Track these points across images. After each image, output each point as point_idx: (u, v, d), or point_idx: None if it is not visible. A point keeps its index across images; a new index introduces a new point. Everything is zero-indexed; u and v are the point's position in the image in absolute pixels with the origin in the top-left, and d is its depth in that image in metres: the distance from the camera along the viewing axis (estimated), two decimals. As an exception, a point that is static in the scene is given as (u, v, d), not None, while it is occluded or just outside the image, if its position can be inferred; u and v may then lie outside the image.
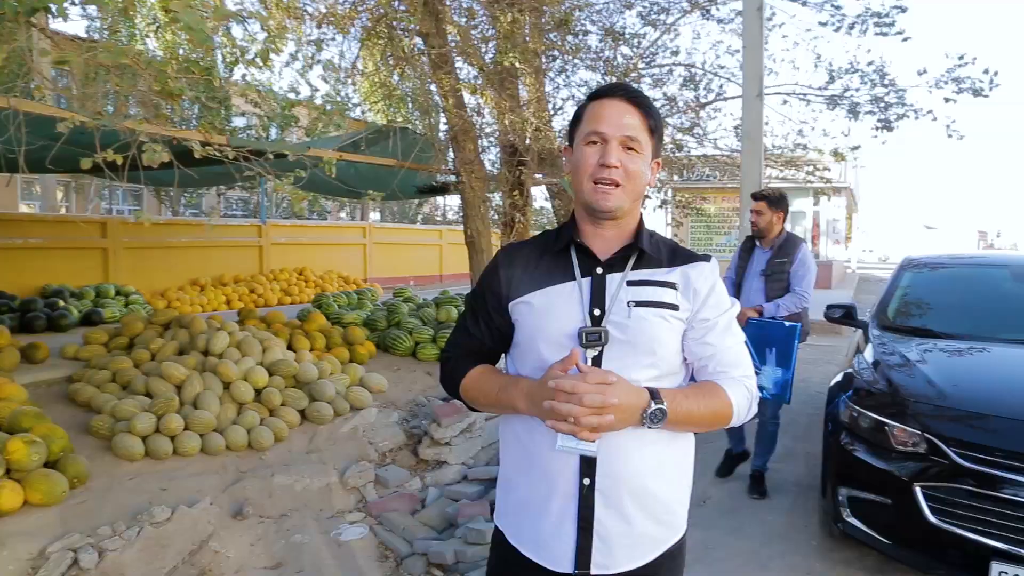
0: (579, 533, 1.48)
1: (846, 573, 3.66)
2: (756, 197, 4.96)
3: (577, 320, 1.51)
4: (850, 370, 4.14)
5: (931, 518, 3.16)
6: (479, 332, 1.66)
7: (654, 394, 1.41)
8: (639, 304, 1.52)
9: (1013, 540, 2.96)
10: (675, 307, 1.53)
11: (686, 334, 1.56)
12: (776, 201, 4.87)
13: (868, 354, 4.20)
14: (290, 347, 6.31)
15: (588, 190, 1.53)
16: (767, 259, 4.87)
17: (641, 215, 1.65)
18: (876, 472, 3.41)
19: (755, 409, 1.58)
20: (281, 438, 5.02)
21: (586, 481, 1.47)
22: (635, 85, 8.38)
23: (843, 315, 4.85)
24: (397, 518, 4.28)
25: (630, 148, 1.52)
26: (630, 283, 1.54)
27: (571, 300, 1.54)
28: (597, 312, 1.52)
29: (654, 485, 1.51)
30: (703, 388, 1.53)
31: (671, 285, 1.55)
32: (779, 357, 4.44)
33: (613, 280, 1.55)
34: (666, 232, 12.63)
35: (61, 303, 8.84)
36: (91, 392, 5.10)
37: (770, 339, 4.51)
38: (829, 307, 4.96)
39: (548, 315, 1.54)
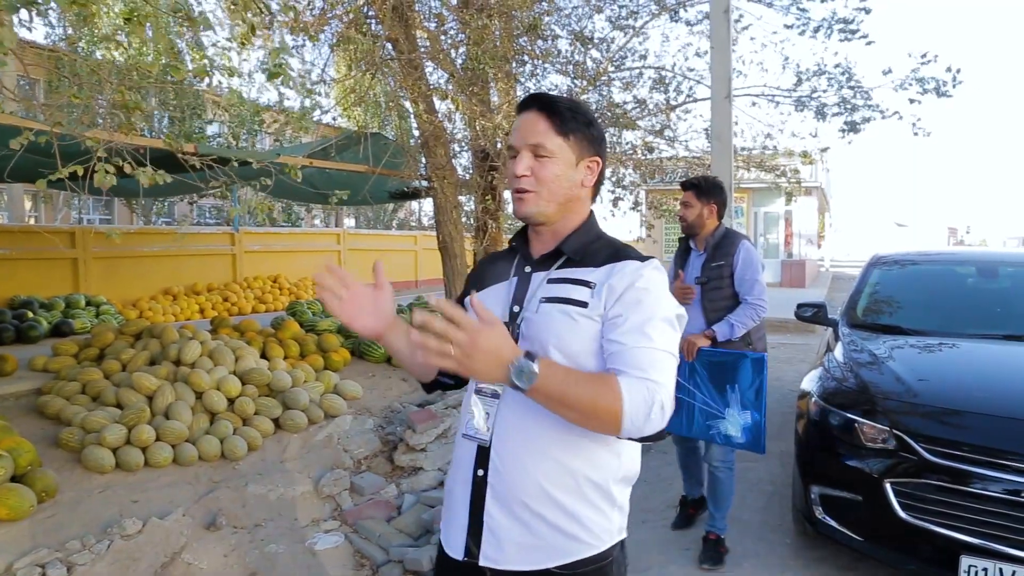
0: (470, 522, 1.52)
1: (820, 571, 3.70)
2: (684, 186, 4.06)
3: (501, 317, 1.53)
4: (821, 368, 4.18)
5: (901, 514, 3.19)
6: None
7: (530, 355, 1.30)
8: (547, 300, 1.51)
9: (982, 534, 3.01)
10: (583, 304, 1.47)
11: (602, 335, 1.47)
12: (707, 190, 3.95)
13: (838, 352, 4.25)
14: (264, 355, 6.26)
15: (512, 199, 1.60)
16: (701, 264, 3.98)
17: (590, 215, 1.64)
18: (847, 469, 3.44)
19: (658, 422, 1.37)
20: (255, 447, 4.97)
21: (480, 472, 1.51)
22: (605, 89, 8.49)
23: (814, 314, 4.89)
24: (373, 525, 4.25)
25: (540, 155, 1.53)
26: (550, 280, 1.56)
27: (501, 297, 1.61)
28: (516, 308, 1.56)
29: (551, 491, 1.46)
30: (594, 375, 1.39)
31: (587, 283, 1.51)
32: (745, 397, 3.56)
33: (537, 278, 1.59)
34: (640, 233, 12.71)
35: (30, 314, 8.70)
36: (60, 404, 5.03)
37: (731, 374, 3.58)
38: (800, 306, 5.00)
39: None
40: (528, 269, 1.61)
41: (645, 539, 4.04)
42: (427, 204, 24.34)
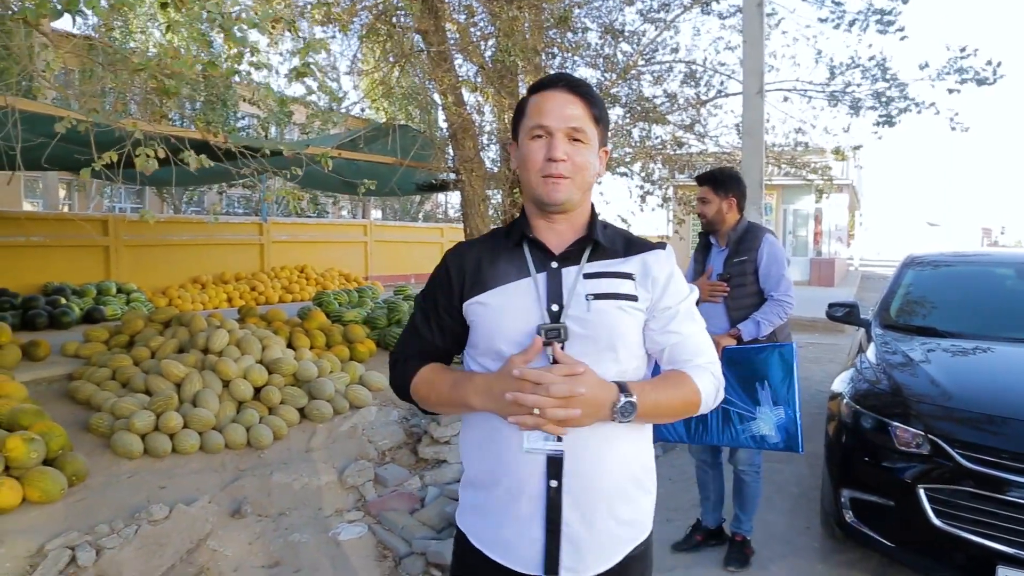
0: (547, 536, 1.45)
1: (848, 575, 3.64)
2: (699, 180, 3.88)
3: (535, 317, 1.47)
4: (853, 369, 4.10)
5: (935, 521, 3.12)
6: (429, 333, 1.62)
7: (623, 387, 1.38)
8: (597, 297, 1.48)
9: (1019, 544, 2.93)
10: (634, 298, 1.50)
11: (647, 324, 1.52)
12: (724, 183, 3.76)
13: (871, 353, 4.17)
14: (290, 345, 6.30)
15: (537, 184, 1.50)
16: (723, 260, 3.81)
17: (593, 205, 1.63)
18: (879, 473, 3.37)
19: (722, 395, 1.56)
20: (280, 436, 5.00)
21: (553, 483, 1.44)
22: (635, 82, 8.41)
23: (845, 314, 4.80)
24: (396, 517, 4.26)
25: (576, 139, 1.49)
26: (587, 275, 1.50)
27: (527, 297, 1.50)
28: (555, 307, 1.48)
29: (623, 484, 1.49)
30: (670, 378, 1.50)
31: (628, 276, 1.52)
32: (776, 393, 3.29)
33: (569, 274, 1.51)
34: (668, 230, 12.61)
35: (63, 300, 8.84)
36: (91, 390, 5.10)
37: (759, 371, 3.32)
38: (831, 305, 4.92)
39: (505, 314, 1.49)
40: (555, 265, 1.52)
41: (671, 538, 3.99)
42: (453, 197, 24.36)
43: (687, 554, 3.89)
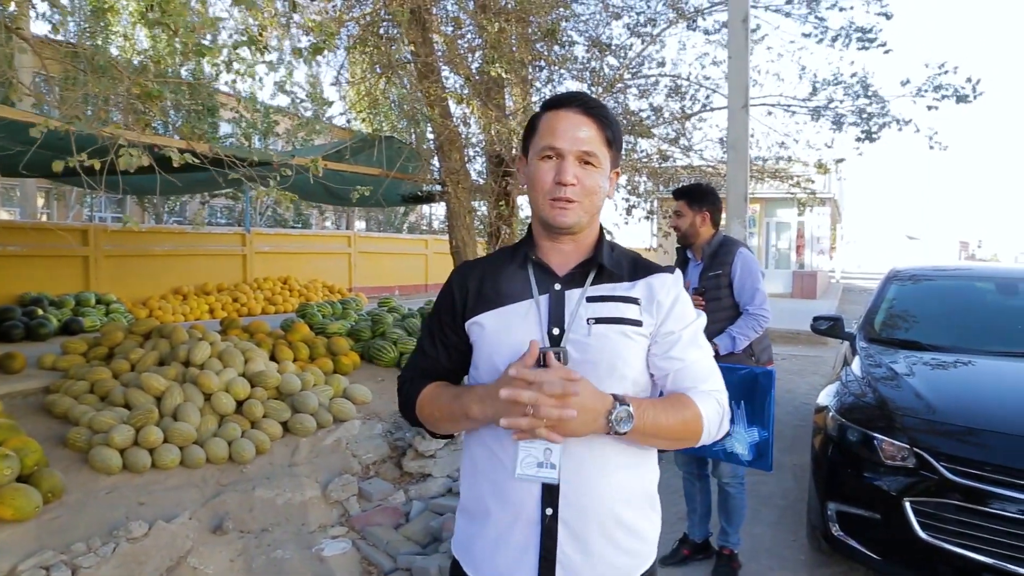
0: (541, 564, 1.41)
1: (835, 588, 3.64)
2: (675, 195, 3.93)
3: (535, 339, 1.41)
4: (838, 383, 4.12)
5: (921, 534, 3.13)
6: (435, 352, 1.59)
7: (619, 398, 1.34)
8: (599, 321, 1.45)
9: (1004, 556, 2.94)
10: (638, 323, 1.47)
11: (650, 349, 1.49)
12: (698, 197, 3.79)
13: (856, 367, 4.19)
14: (273, 358, 6.23)
15: (545, 206, 1.47)
16: (699, 274, 3.82)
17: (601, 227, 1.60)
18: (865, 487, 3.38)
19: (727, 426, 1.51)
20: (263, 451, 4.93)
21: (548, 511, 1.40)
22: (621, 96, 8.46)
23: (830, 327, 4.83)
24: (380, 532, 4.21)
25: (587, 163, 1.46)
26: (590, 299, 1.47)
27: (529, 319, 1.47)
28: (556, 331, 1.45)
29: (621, 514, 1.45)
30: (671, 399, 1.45)
31: (634, 300, 1.49)
32: (751, 413, 3.38)
33: (572, 296, 1.48)
34: (652, 243, 12.65)
35: (40, 312, 8.70)
36: (68, 403, 5.00)
37: (737, 390, 3.34)
38: (816, 319, 4.94)
39: (506, 335, 1.46)
40: (558, 287, 1.49)
41: (657, 552, 3.96)
42: (438, 208, 24.33)
43: (675, 568, 3.86)
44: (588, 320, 1.45)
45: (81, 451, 4.53)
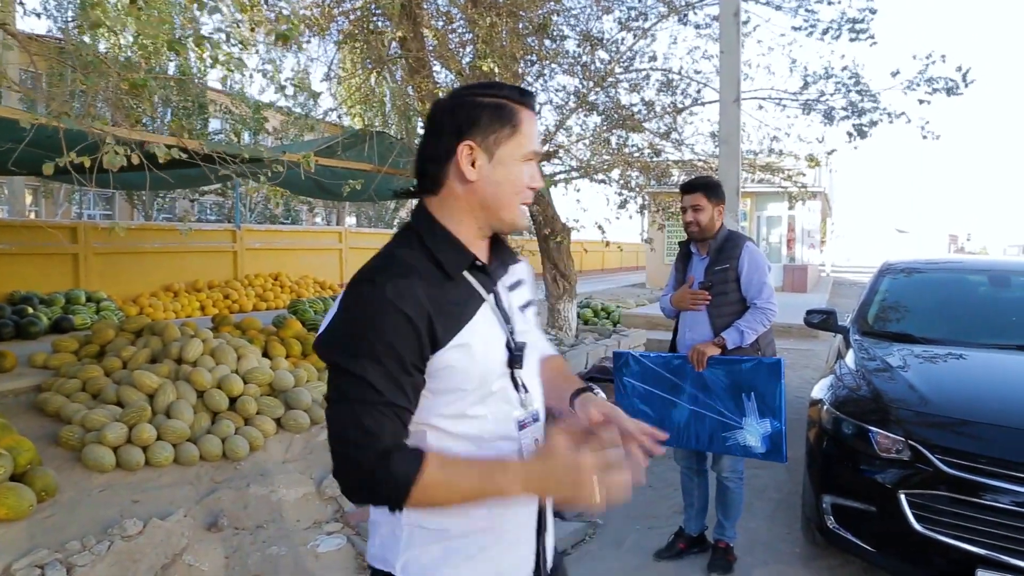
0: (537, 558, 1.46)
1: (830, 580, 3.66)
2: (690, 188, 3.74)
3: (503, 343, 1.37)
4: (832, 376, 4.13)
5: (916, 526, 3.14)
6: (408, 403, 1.26)
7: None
8: (524, 308, 1.49)
9: (998, 547, 2.96)
10: (533, 302, 1.57)
11: None
12: (715, 189, 3.74)
13: (850, 360, 4.20)
14: (265, 354, 6.20)
15: (515, 208, 1.38)
16: (704, 268, 3.77)
17: None
18: (860, 479, 3.39)
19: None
20: (256, 447, 4.91)
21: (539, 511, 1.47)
22: (612, 90, 8.44)
23: (823, 321, 4.84)
24: (376, 529, 4.20)
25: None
26: (510, 287, 1.47)
27: (493, 323, 1.37)
28: (510, 328, 1.40)
29: None
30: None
31: (524, 281, 1.54)
32: (762, 404, 3.43)
33: (503, 289, 1.44)
34: (643, 237, 12.66)
35: (30, 310, 8.63)
36: (60, 402, 4.97)
37: (745, 382, 3.46)
38: (809, 312, 4.96)
39: (488, 348, 1.34)
40: (496, 285, 1.42)
41: (653, 546, 3.97)
42: (429, 203, 24.19)
43: (670, 562, 3.87)
44: (520, 308, 1.47)
45: (74, 449, 4.51)
